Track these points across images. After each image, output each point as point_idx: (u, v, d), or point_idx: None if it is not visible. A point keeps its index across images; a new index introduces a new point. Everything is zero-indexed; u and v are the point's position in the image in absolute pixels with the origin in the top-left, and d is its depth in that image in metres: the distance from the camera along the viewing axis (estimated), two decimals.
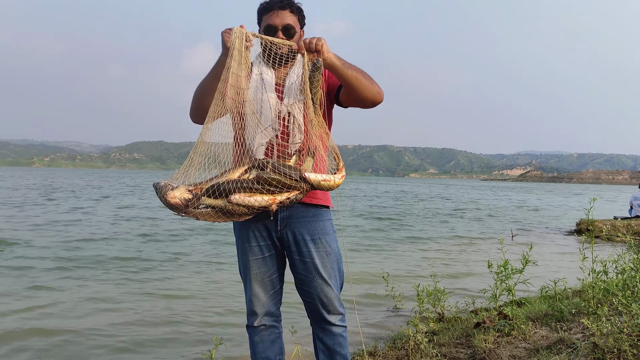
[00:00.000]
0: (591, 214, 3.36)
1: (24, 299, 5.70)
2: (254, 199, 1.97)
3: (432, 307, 4.67)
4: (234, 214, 1.98)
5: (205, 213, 1.96)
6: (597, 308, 3.14)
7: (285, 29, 2.31)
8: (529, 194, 53.17)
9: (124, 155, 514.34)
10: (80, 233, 11.44)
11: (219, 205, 1.96)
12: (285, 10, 2.31)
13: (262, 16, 2.36)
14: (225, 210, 1.96)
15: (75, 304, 5.56)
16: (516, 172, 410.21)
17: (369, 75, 2.27)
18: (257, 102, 2.28)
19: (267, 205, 2.00)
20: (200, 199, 1.96)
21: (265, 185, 1.98)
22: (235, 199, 1.95)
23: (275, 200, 2.00)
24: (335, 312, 2.40)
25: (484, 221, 18.18)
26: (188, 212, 1.96)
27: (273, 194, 2.00)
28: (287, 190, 2.03)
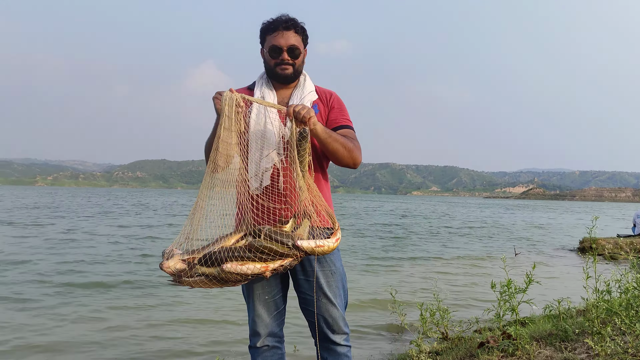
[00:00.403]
0: (594, 232, 3.36)
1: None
2: (247, 267, 1.95)
3: (436, 326, 4.65)
4: (228, 281, 1.98)
5: (199, 281, 1.96)
6: (601, 328, 3.12)
7: (290, 49, 2.32)
8: (532, 211, 53.01)
9: (127, 174, 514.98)
10: (78, 255, 11.42)
11: (213, 273, 1.96)
12: (290, 30, 2.31)
13: (265, 36, 2.36)
14: (219, 278, 1.96)
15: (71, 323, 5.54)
16: (518, 190, 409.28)
17: (350, 146, 2.32)
18: (259, 126, 2.30)
19: (260, 272, 1.98)
20: (193, 269, 1.96)
21: (257, 253, 1.97)
22: (228, 268, 1.94)
23: (268, 267, 1.99)
24: (340, 332, 2.39)
25: (488, 239, 18.11)
26: (182, 282, 1.98)
27: (266, 261, 1.99)
28: (280, 258, 2.01)
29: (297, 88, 2.41)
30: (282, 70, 2.34)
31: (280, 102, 2.39)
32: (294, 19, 2.34)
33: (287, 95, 2.41)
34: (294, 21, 2.33)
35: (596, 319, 3.21)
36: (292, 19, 2.33)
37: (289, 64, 2.34)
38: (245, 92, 2.44)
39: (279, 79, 2.38)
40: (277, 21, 2.31)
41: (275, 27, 2.31)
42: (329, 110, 2.44)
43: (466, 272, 10.07)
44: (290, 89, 2.43)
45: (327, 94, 2.48)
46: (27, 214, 24.60)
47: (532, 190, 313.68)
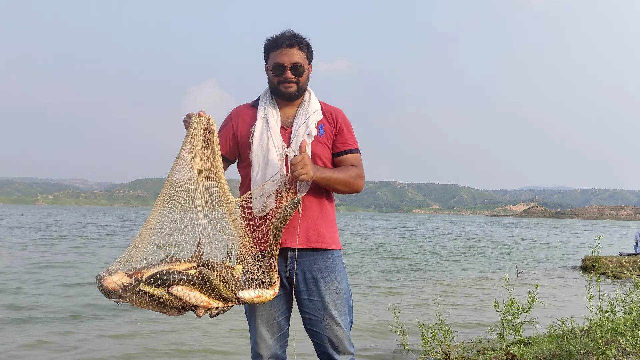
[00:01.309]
0: (597, 251, 3.34)
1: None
2: (193, 295, 1.91)
3: (438, 346, 4.60)
4: (166, 306, 1.92)
5: (141, 300, 1.89)
6: (606, 348, 3.09)
7: (294, 67, 2.26)
8: (533, 229, 52.84)
9: (128, 193, 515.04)
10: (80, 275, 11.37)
11: (157, 294, 1.89)
12: (293, 47, 2.25)
13: (269, 53, 2.30)
14: (159, 300, 1.90)
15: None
16: (520, 208, 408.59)
17: (351, 181, 2.32)
18: (263, 148, 2.26)
19: (201, 306, 1.93)
20: (139, 284, 1.88)
21: (207, 286, 1.92)
22: (177, 291, 1.89)
23: (210, 304, 1.94)
24: (345, 352, 2.34)
25: (489, 258, 18.02)
26: (125, 298, 1.88)
27: (210, 297, 1.94)
28: (223, 301, 1.96)
29: (302, 107, 2.36)
30: (285, 88, 2.29)
31: (284, 120, 2.33)
32: (298, 35, 2.28)
33: (291, 114, 2.35)
34: (298, 38, 2.27)
35: (601, 339, 3.17)
36: (296, 36, 2.27)
37: (292, 81, 2.28)
38: (249, 109, 2.40)
39: (283, 97, 2.33)
40: (281, 38, 2.26)
41: (279, 44, 2.25)
42: (337, 132, 2.38)
43: (467, 292, 9.99)
44: (295, 106, 2.37)
45: (333, 113, 2.41)
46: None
47: (533, 209, 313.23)
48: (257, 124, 2.30)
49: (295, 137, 2.27)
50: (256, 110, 2.37)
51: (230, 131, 2.39)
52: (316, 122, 2.32)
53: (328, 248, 2.35)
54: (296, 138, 2.27)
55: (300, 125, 2.29)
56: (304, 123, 2.29)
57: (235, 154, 2.43)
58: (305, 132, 2.28)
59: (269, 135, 2.27)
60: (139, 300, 1.88)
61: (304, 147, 2.16)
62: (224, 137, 2.39)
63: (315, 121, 2.32)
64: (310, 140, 2.28)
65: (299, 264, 2.30)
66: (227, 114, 2.48)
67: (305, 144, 2.17)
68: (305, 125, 2.29)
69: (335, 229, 2.44)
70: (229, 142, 2.39)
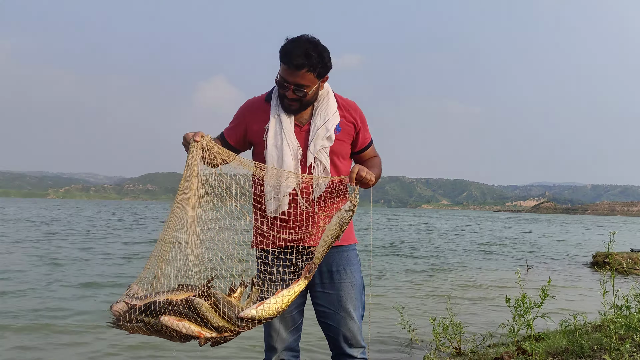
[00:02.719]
0: (610, 246, 3.31)
1: None
2: (182, 324, 1.90)
3: (448, 341, 4.59)
4: (164, 334, 1.93)
5: (137, 327, 1.92)
6: (619, 344, 3.06)
7: (297, 89, 2.15)
8: (543, 225, 52.55)
9: (138, 187, 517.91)
10: None
11: (150, 322, 1.91)
12: (301, 70, 2.11)
13: (280, 60, 2.17)
14: (156, 328, 1.92)
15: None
16: (529, 204, 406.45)
17: (379, 173, 2.37)
18: (277, 149, 2.22)
19: (194, 336, 1.92)
20: (134, 314, 1.91)
21: (194, 314, 1.91)
22: (164, 321, 1.89)
23: (202, 334, 1.92)
24: (358, 346, 2.35)
25: (499, 253, 17.95)
26: (120, 326, 1.93)
27: (201, 326, 1.92)
28: (217, 331, 1.94)
29: (320, 106, 2.28)
30: (287, 105, 2.22)
31: (299, 118, 2.27)
32: (310, 55, 2.10)
33: (307, 112, 2.28)
34: (309, 58, 2.10)
35: (614, 334, 3.15)
36: (308, 55, 2.10)
37: (294, 100, 2.19)
38: (262, 104, 2.34)
39: (286, 110, 2.25)
40: (291, 55, 2.10)
41: (287, 62, 2.11)
42: (356, 131, 2.36)
43: (478, 287, 9.96)
44: (309, 109, 2.29)
45: (350, 109, 2.36)
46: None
47: (543, 204, 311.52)
48: (271, 124, 2.25)
49: (314, 140, 2.23)
50: (269, 107, 2.30)
51: (242, 126, 2.36)
52: (334, 125, 2.27)
53: (344, 244, 2.35)
54: (315, 140, 2.23)
55: (319, 128, 2.24)
56: (322, 125, 2.24)
57: (245, 147, 2.41)
58: (325, 135, 2.24)
59: (283, 135, 2.23)
60: (135, 328, 1.92)
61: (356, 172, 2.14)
62: (235, 130, 2.37)
63: (334, 125, 2.26)
64: (330, 144, 2.25)
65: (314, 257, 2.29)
66: (236, 108, 2.44)
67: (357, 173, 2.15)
68: (325, 129, 2.24)
69: (350, 224, 2.42)
70: (239, 136, 2.37)
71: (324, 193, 2.23)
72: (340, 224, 2.08)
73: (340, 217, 2.09)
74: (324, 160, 2.23)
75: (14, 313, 6.42)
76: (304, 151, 2.25)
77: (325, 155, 2.24)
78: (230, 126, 2.41)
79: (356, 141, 2.38)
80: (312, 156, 2.23)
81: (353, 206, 2.10)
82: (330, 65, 2.20)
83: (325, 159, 2.23)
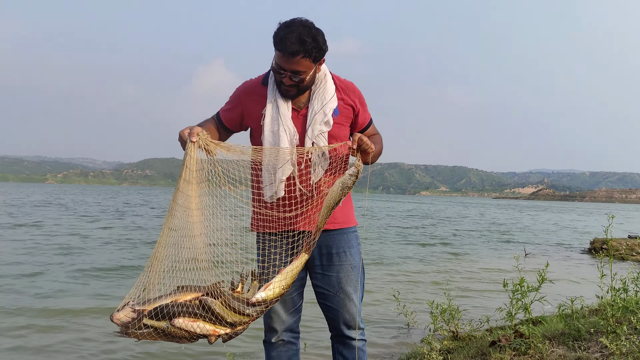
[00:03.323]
0: (608, 231, 3.31)
1: None
2: (197, 325, 1.90)
3: (446, 325, 4.62)
4: (174, 337, 1.92)
5: (147, 333, 1.90)
6: (616, 327, 3.08)
7: (294, 74, 2.11)
8: (542, 212, 52.71)
9: (136, 172, 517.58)
10: None
11: (161, 327, 1.89)
12: (296, 56, 2.06)
13: (275, 47, 2.11)
14: (166, 332, 1.90)
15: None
16: (528, 191, 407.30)
17: (381, 149, 2.38)
18: (273, 134, 2.20)
19: (208, 334, 1.93)
20: (142, 320, 1.89)
21: (209, 313, 1.92)
22: (178, 323, 1.88)
23: (217, 332, 1.93)
24: (357, 328, 2.37)
25: (497, 240, 18.02)
26: (129, 334, 1.90)
27: (215, 324, 1.93)
28: (231, 327, 1.95)
29: (317, 90, 2.24)
30: (285, 90, 2.18)
31: (296, 102, 2.24)
32: (306, 43, 2.05)
33: (304, 96, 2.25)
34: (304, 44, 2.04)
35: (611, 317, 3.16)
36: (302, 41, 2.04)
37: (291, 86, 2.16)
38: (259, 88, 2.30)
39: (283, 95, 2.22)
40: (286, 41, 2.04)
41: (282, 49, 2.05)
42: (356, 113, 2.34)
43: (476, 272, 10.01)
44: (306, 94, 2.25)
45: (348, 90, 2.33)
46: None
47: (541, 191, 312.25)
48: (268, 109, 2.22)
49: (312, 125, 2.20)
50: (266, 90, 2.27)
51: (239, 109, 2.32)
52: (332, 110, 2.23)
53: (343, 227, 2.36)
54: (312, 125, 2.20)
55: (317, 113, 2.21)
56: (320, 110, 2.21)
57: (240, 129, 2.39)
58: (323, 120, 2.21)
59: (280, 121, 2.20)
60: (144, 334, 1.90)
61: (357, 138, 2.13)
62: (231, 112, 2.34)
63: (332, 108, 2.23)
64: (329, 129, 2.22)
65: None
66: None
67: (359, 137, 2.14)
68: (323, 113, 2.21)
69: (350, 206, 2.44)
70: (235, 120, 2.34)
71: (322, 177, 2.22)
72: (343, 188, 2.08)
73: (343, 181, 2.08)
74: (322, 145, 2.20)
75: None
76: (302, 136, 2.22)
77: (324, 140, 2.21)
78: (226, 107, 2.36)
79: (355, 122, 2.36)
80: (310, 141, 2.20)
81: (357, 171, 2.09)
82: (326, 48, 2.15)
83: (324, 144, 2.21)
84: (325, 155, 2.20)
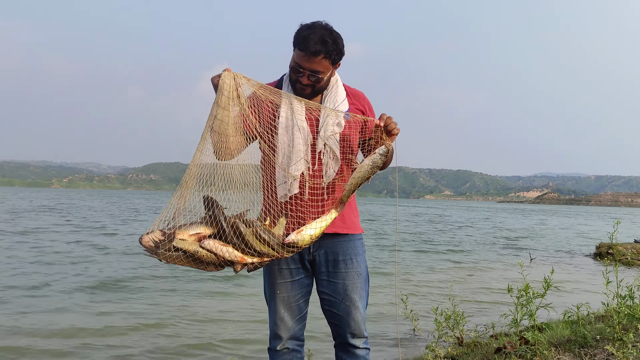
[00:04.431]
0: (614, 236, 3.29)
1: None
2: (226, 249, 1.92)
3: (451, 331, 4.59)
4: (202, 262, 1.93)
5: (175, 257, 1.91)
6: (623, 334, 3.06)
7: (312, 74, 2.18)
8: (546, 216, 52.49)
9: (141, 177, 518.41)
10: None
11: (191, 250, 1.91)
12: (317, 56, 2.13)
13: (295, 46, 2.19)
14: (195, 257, 1.92)
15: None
16: (533, 194, 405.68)
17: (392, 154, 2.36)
18: (288, 133, 2.22)
19: (235, 261, 1.94)
20: (172, 241, 1.91)
21: (239, 240, 1.94)
22: (209, 245, 1.90)
23: (245, 260, 1.95)
24: (361, 336, 2.37)
25: (501, 244, 17.95)
26: (158, 254, 1.91)
27: (244, 253, 1.95)
28: (259, 256, 1.98)
29: (329, 93, 2.31)
30: (300, 89, 2.24)
31: (309, 106, 2.26)
32: (326, 42, 2.13)
33: (316, 100, 2.30)
34: (326, 45, 2.13)
35: (617, 324, 3.14)
36: (324, 42, 2.12)
37: (308, 85, 2.21)
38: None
39: (297, 94, 2.26)
40: (309, 41, 2.11)
41: (304, 48, 2.12)
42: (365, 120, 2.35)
43: (480, 277, 9.97)
44: (320, 96, 2.32)
45: (359, 98, 2.40)
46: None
47: (546, 195, 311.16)
48: (282, 109, 2.24)
49: (324, 126, 2.23)
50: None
51: None
52: (345, 112, 2.28)
53: (351, 232, 2.37)
54: (325, 127, 2.23)
55: (329, 114, 2.25)
56: (332, 112, 2.25)
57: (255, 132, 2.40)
58: (335, 121, 2.24)
59: (295, 121, 2.22)
60: (172, 257, 1.92)
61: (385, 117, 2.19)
62: None
63: (343, 110, 2.29)
64: (340, 130, 2.25)
65: (322, 245, 2.32)
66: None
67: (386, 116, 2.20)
68: (335, 115, 2.25)
69: (356, 213, 2.46)
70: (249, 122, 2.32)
71: (334, 179, 2.25)
72: (373, 166, 2.15)
73: (373, 159, 2.14)
74: (333, 146, 2.24)
75: None
76: (314, 137, 2.25)
77: (335, 142, 2.24)
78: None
79: (365, 128, 2.36)
80: (322, 142, 2.23)
81: (387, 150, 2.14)
82: (344, 52, 2.23)
83: (335, 145, 2.24)
84: (336, 156, 2.24)
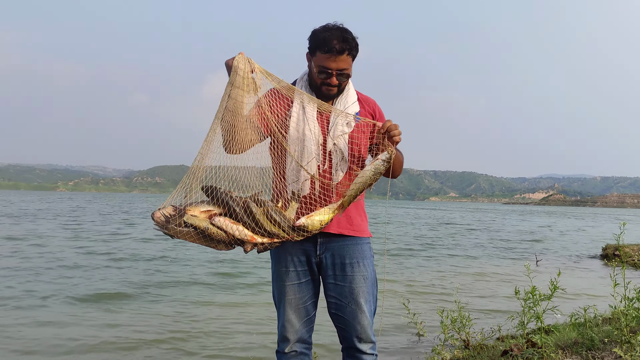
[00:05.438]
0: (621, 238, 3.27)
1: None
2: (236, 228, 1.93)
3: (457, 333, 4.58)
4: (212, 240, 1.95)
5: (185, 232, 1.93)
6: (631, 337, 3.04)
7: (340, 74, 2.24)
8: (553, 218, 52.31)
9: (146, 179, 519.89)
10: None
11: (201, 226, 1.93)
12: (343, 54, 2.20)
13: (316, 50, 2.23)
14: (205, 234, 1.93)
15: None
16: (538, 196, 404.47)
17: (403, 162, 2.44)
18: (299, 133, 2.26)
19: (244, 240, 1.96)
20: (183, 216, 1.94)
21: (250, 219, 1.95)
22: (219, 222, 1.92)
23: (255, 239, 1.97)
24: (368, 341, 2.36)
25: (507, 246, 17.88)
26: (169, 229, 1.93)
27: (254, 232, 1.97)
28: (269, 236, 2.00)
29: (341, 95, 2.35)
30: (327, 90, 2.28)
31: (320, 105, 2.30)
32: (348, 39, 2.20)
33: (329, 101, 2.34)
34: (348, 43, 2.20)
35: (625, 327, 3.12)
36: (346, 40, 2.19)
37: (335, 85, 2.27)
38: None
39: (322, 96, 2.31)
40: (331, 41, 2.17)
41: (329, 49, 2.18)
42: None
43: (487, 280, 9.94)
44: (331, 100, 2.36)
45: (369, 103, 2.44)
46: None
47: (552, 197, 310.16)
48: (294, 109, 2.28)
49: (334, 127, 2.27)
50: (292, 95, 2.34)
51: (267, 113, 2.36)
52: (354, 113, 2.32)
53: (358, 235, 2.38)
54: (334, 127, 2.27)
55: (339, 115, 2.28)
56: (342, 112, 2.29)
57: (269, 131, 2.40)
58: (345, 121, 2.28)
59: (306, 121, 2.26)
60: (183, 233, 1.94)
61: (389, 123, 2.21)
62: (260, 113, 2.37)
63: (353, 112, 2.33)
64: (350, 130, 2.29)
65: (329, 248, 2.33)
66: None
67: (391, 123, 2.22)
68: (345, 115, 2.28)
69: (365, 217, 2.47)
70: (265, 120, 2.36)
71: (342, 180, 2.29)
72: (375, 172, 2.17)
73: (376, 166, 2.17)
74: (342, 147, 2.27)
75: None
76: (324, 138, 2.29)
77: (344, 142, 2.28)
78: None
79: (374, 133, 2.37)
80: (332, 141, 2.26)
81: (389, 157, 2.16)
82: (359, 49, 2.29)
83: (344, 145, 2.27)
84: (345, 157, 2.28)
